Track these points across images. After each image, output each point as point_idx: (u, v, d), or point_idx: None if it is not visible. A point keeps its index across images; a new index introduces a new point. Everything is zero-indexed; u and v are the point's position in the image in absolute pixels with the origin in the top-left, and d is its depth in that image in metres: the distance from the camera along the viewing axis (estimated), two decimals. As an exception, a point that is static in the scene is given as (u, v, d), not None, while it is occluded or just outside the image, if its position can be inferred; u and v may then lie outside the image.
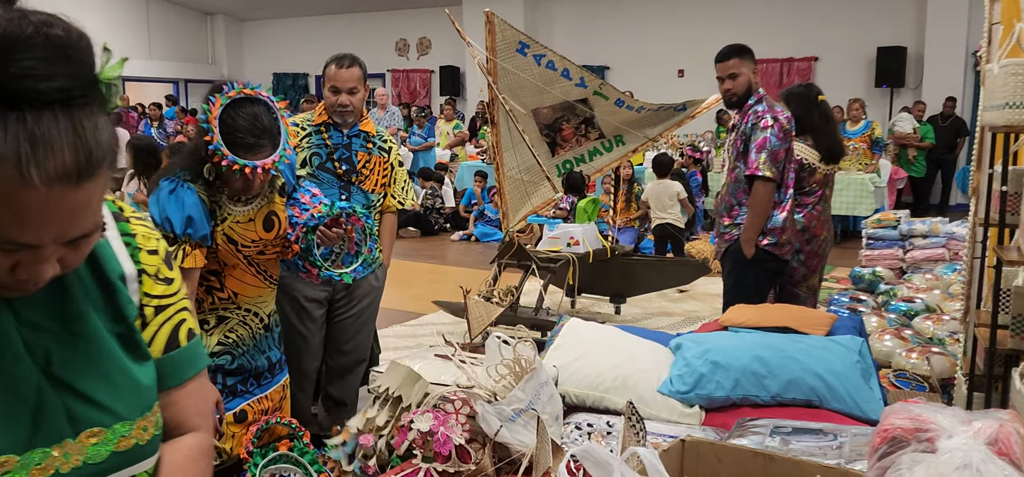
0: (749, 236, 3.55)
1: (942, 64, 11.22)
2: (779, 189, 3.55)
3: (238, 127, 2.20)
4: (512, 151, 5.15)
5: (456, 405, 2.24)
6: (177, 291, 1.12)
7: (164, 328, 1.09)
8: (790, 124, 3.51)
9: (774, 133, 3.46)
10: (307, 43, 16.42)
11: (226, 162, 2.14)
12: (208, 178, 2.27)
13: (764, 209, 3.50)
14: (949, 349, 3.89)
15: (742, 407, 2.48)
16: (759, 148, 3.49)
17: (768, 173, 3.47)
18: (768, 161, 3.47)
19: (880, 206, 8.72)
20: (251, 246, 2.38)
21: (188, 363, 1.12)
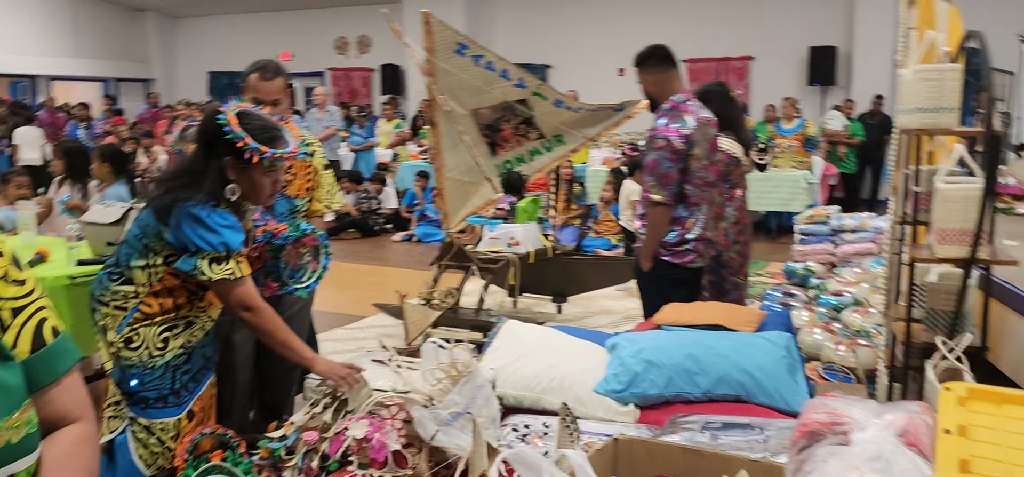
0: (644, 253, 3.58)
1: (871, 63, 11.60)
2: (684, 205, 3.50)
3: (259, 127, 2.30)
4: (452, 152, 5.15)
5: (392, 410, 2.24)
6: (31, 291, 1.14)
7: (26, 328, 1.12)
8: (686, 142, 3.41)
9: (665, 155, 3.41)
10: (244, 41, 16.10)
11: (269, 155, 2.24)
12: (231, 197, 2.30)
13: (657, 230, 3.50)
14: (875, 341, 4.03)
15: (675, 404, 2.55)
16: (649, 170, 3.48)
17: (657, 196, 3.45)
18: (657, 184, 3.44)
19: (813, 202, 8.98)
20: None
21: (59, 359, 1.15)
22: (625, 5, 13.30)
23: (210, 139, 2.29)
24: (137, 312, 2.35)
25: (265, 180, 2.33)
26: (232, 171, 2.28)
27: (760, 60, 12.73)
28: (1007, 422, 1.71)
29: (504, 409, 2.66)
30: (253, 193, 2.35)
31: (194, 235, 2.22)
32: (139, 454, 2.38)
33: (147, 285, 2.34)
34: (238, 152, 2.24)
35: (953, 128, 2.06)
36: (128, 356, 2.35)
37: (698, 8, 12.79)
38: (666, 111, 3.51)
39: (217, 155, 2.27)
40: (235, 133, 2.23)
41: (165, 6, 16.25)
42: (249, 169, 2.27)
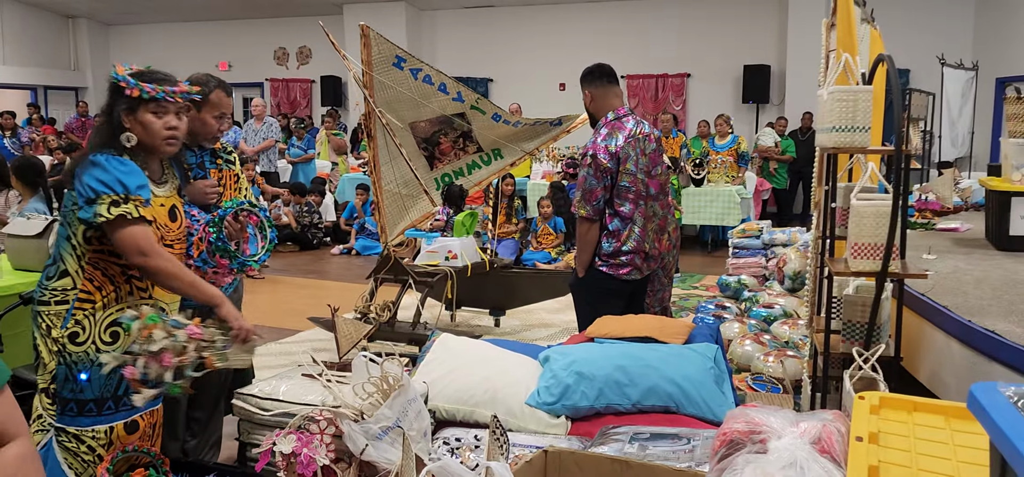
0: (580, 263, 3.69)
1: (802, 82, 11.97)
2: (619, 218, 3.57)
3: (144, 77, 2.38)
4: (390, 165, 5.13)
5: (321, 425, 2.23)
6: None
7: None
8: (613, 160, 3.50)
9: (590, 172, 3.52)
10: (180, 50, 15.76)
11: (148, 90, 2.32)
12: (127, 144, 2.35)
13: (586, 245, 3.61)
14: (802, 353, 4.16)
15: (606, 416, 2.58)
16: (578, 185, 3.60)
17: (582, 211, 3.56)
18: (583, 200, 3.55)
19: (746, 216, 9.21)
20: (163, 229, 2.44)
21: None
22: (566, 21, 13.46)
23: (109, 98, 2.39)
24: (77, 302, 2.33)
25: (156, 121, 2.37)
26: (126, 119, 2.36)
27: (697, 77, 13.02)
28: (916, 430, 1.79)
29: (437, 422, 2.66)
30: (147, 136, 2.38)
31: (92, 180, 2.27)
32: (68, 464, 2.33)
33: (79, 271, 2.34)
34: (127, 98, 2.34)
35: (867, 147, 2.15)
36: (74, 351, 2.31)
37: (638, 26, 13.03)
38: (600, 129, 3.59)
39: (114, 109, 2.36)
40: (119, 76, 2.35)
41: (98, 13, 15.79)
42: (138, 111, 2.35)
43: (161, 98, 2.36)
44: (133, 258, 2.30)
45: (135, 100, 2.34)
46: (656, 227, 3.72)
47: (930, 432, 1.75)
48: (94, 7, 15.30)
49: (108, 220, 2.24)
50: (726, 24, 12.68)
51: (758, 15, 12.52)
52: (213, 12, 15.00)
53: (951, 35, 11.27)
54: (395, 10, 13.48)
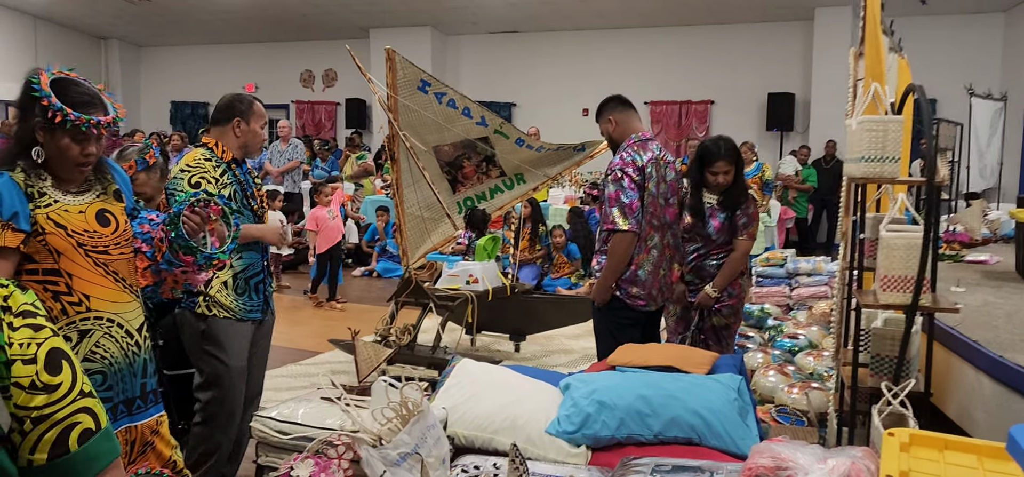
0: (603, 284, 3.58)
1: (826, 110, 11.90)
2: (638, 241, 3.53)
3: (70, 92, 2.21)
4: (413, 188, 5.15)
5: (339, 450, 2.21)
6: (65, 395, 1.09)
7: (46, 437, 1.07)
8: (639, 175, 3.48)
9: (625, 184, 3.48)
10: (208, 72, 16.00)
11: (73, 118, 2.14)
12: (37, 160, 2.20)
13: (619, 259, 3.52)
14: (827, 385, 4.08)
15: (627, 446, 2.54)
16: (611, 201, 3.52)
17: (624, 225, 3.47)
18: (622, 213, 3.48)
19: (770, 245, 9.12)
20: (85, 236, 2.28)
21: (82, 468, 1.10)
22: (590, 47, 13.50)
23: (23, 102, 2.21)
24: None
25: (73, 147, 2.21)
26: (41, 133, 2.20)
27: (721, 104, 12.98)
28: (947, 468, 1.74)
29: (455, 449, 2.63)
30: (58, 157, 2.22)
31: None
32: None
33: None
34: (45, 113, 2.16)
35: (896, 177, 2.12)
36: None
37: (662, 52, 13.04)
38: (625, 147, 3.61)
39: (27, 117, 2.20)
40: (43, 91, 2.16)
41: (130, 35, 16.09)
42: (58, 133, 2.19)
43: (85, 129, 2.20)
44: None
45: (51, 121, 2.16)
46: (669, 257, 3.72)
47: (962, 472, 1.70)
48: (126, 29, 15.58)
49: None
50: (751, 52, 12.65)
51: (783, 43, 12.49)
52: (241, 35, 15.23)
53: (979, 65, 11.16)
54: (420, 35, 13.59)
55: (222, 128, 3.20)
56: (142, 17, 14.35)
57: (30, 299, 1.11)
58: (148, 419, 2.42)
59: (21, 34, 14.86)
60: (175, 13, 13.97)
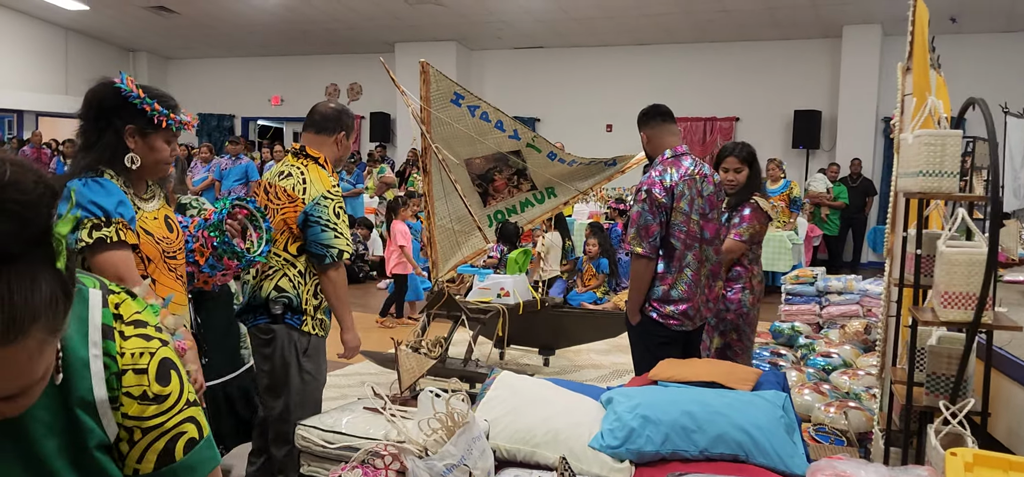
0: (630, 307, 3.58)
1: (854, 128, 11.82)
2: (668, 260, 3.49)
3: (160, 95, 2.31)
4: (444, 200, 5.15)
5: (386, 461, 2.20)
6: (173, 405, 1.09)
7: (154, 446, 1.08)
8: (668, 195, 3.43)
9: (646, 207, 3.43)
10: (234, 85, 16.17)
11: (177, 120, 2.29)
12: (131, 165, 2.27)
13: (640, 283, 3.50)
14: (865, 404, 4.02)
15: (672, 462, 2.51)
16: (632, 222, 3.49)
17: (639, 248, 3.45)
18: (638, 236, 3.45)
19: (797, 263, 9.04)
20: (164, 242, 2.38)
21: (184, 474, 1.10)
22: (614, 63, 13.50)
23: (104, 110, 2.26)
24: None
25: (165, 148, 2.32)
26: (132, 138, 2.26)
27: (745, 122, 12.93)
28: (1013, 489, 1.70)
29: (497, 462, 2.61)
30: (151, 160, 2.31)
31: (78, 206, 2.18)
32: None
33: None
34: (142, 117, 2.24)
35: (954, 192, 2.08)
36: None
37: (686, 69, 13.02)
38: (656, 165, 3.55)
39: (112, 125, 2.25)
40: (142, 98, 2.25)
41: (158, 47, 16.29)
42: (152, 135, 2.28)
43: (177, 129, 2.33)
44: None
45: (149, 122, 2.26)
46: (708, 272, 3.63)
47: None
48: (155, 42, 15.79)
49: (87, 244, 2.15)
50: (776, 69, 12.60)
51: (810, 61, 12.43)
52: (267, 48, 15.38)
53: (1013, 84, 11.04)
54: (446, 50, 13.66)
55: (323, 138, 3.08)
56: (170, 30, 14.53)
57: (140, 307, 1.11)
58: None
59: (52, 46, 15.10)
60: (202, 26, 14.13)
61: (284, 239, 2.94)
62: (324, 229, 2.89)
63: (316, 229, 2.89)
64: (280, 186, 2.95)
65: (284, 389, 3.04)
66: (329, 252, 2.91)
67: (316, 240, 2.90)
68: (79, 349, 1.02)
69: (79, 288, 1.04)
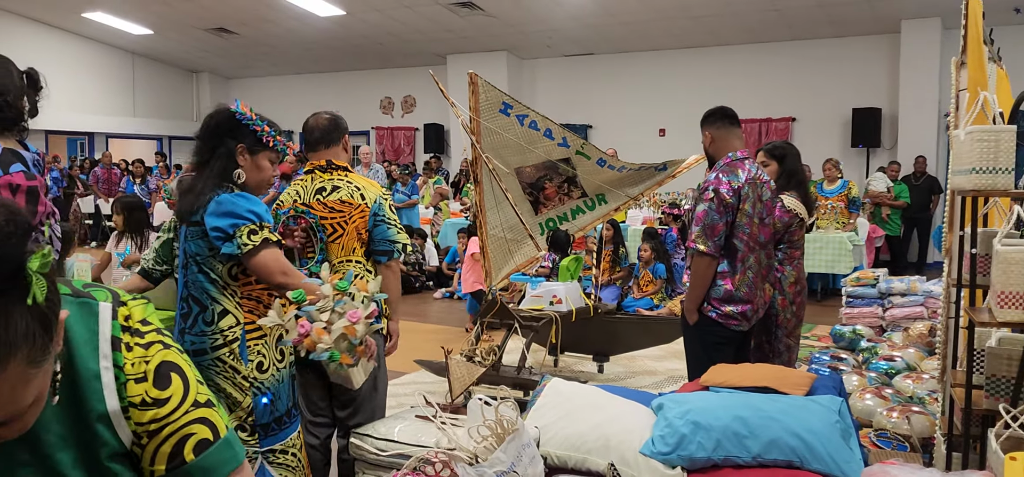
0: (689, 305, 3.58)
1: (915, 125, 11.49)
2: (731, 259, 3.49)
3: (269, 120, 2.54)
4: (495, 210, 5.19)
5: (437, 467, 2.24)
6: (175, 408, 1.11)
7: (161, 450, 1.10)
8: (735, 196, 3.44)
9: (713, 206, 3.43)
10: (292, 101, 16.54)
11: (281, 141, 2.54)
12: (238, 181, 2.49)
13: (700, 281, 3.50)
14: (929, 408, 3.91)
15: (724, 468, 2.48)
16: (697, 220, 3.49)
17: (702, 247, 3.45)
18: (703, 234, 3.45)
19: (858, 264, 8.82)
20: None
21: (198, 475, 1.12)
22: (666, 66, 13.40)
23: (218, 131, 2.48)
24: (247, 335, 2.47)
25: (269, 167, 2.53)
26: (242, 157, 2.47)
27: (802, 121, 12.69)
28: (1077, 494, 1.65)
29: (548, 469, 2.62)
30: (257, 178, 2.51)
31: (230, 219, 2.38)
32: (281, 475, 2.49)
33: (238, 306, 2.48)
34: (253, 137, 2.47)
35: (1010, 190, 2.03)
36: (263, 379, 2.48)
37: (740, 70, 12.84)
38: (720, 166, 3.56)
39: (225, 144, 2.46)
40: (253, 120, 2.48)
41: (219, 68, 16.81)
42: (260, 153, 2.49)
43: (283, 151, 2.54)
44: (275, 279, 2.41)
45: (258, 142, 2.48)
46: (761, 275, 3.65)
47: (1095, 498, 1.61)
48: (216, 63, 16.29)
49: (252, 246, 2.36)
50: (833, 67, 12.34)
51: (868, 58, 12.13)
52: (323, 64, 15.72)
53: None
54: (496, 59, 13.76)
55: (335, 149, 3.20)
56: (229, 50, 14.98)
57: (142, 315, 1.13)
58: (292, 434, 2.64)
59: (120, 70, 15.72)
60: (261, 46, 14.53)
61: (354, 246, 3.04)
62: (389, 226, 3.05)
63: (383, 228, 3.04)
64: (334, 200, 3.02)
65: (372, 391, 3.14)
66: (395, 247, 3.07)
67: (384, 238, 3.05)
68: (90, 362, 1.05)
69: (88, 302, 1.07)
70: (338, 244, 3.01)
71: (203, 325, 2.45)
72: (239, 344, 2.44)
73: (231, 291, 2.46)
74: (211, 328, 2.44)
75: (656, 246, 8.37)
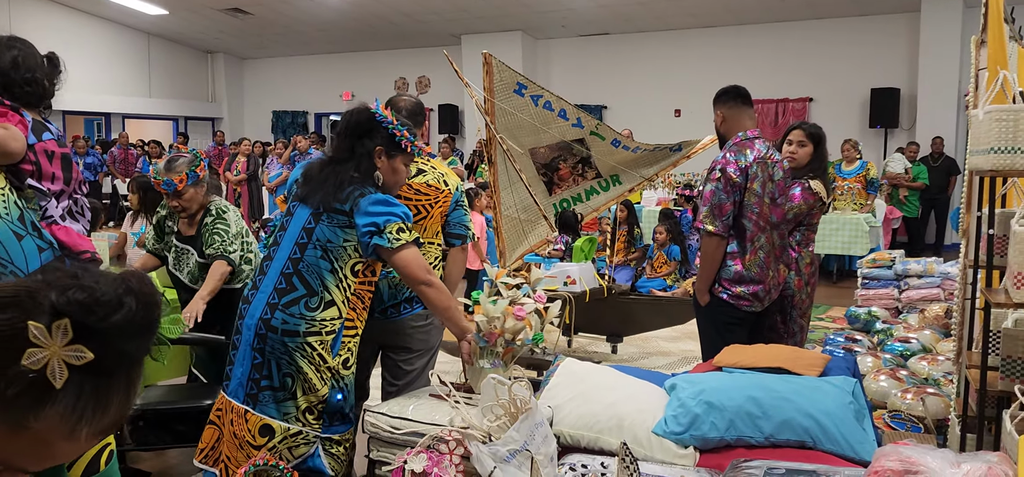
0: (700, 286, 3.59)
1: (935, 105, 11.36)
2: (741, 239, 3.48)
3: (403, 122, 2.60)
4: (509, 190, 5.19)
5: (450, 445, 2.25)
6: None
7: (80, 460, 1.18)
8: (743, 175, 3.43)
9: (720, 186, 3.42)
10: (306, 81, 16.58)
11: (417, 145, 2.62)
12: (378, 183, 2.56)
13: (710, 262, 3.50)
14: (944, 390, 3.90)
15: (736, 448, 2.49)
16: (705, 200, 3.49)
17: (711, 227, 3.45)
18: (710, 214, 3.45)
19: (875, 246, 8.76)
20: None
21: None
22: (681, 47, 13.30)
23: (358, 131, 2.54)
24: (344, 330, 2.52)
25: (404, 170, 2.62)
26: (380, 159, 2.54)
27: (819, 102, 12.57)
28: (1092, 476, 1.64)
29: (561, 448, 2.64)
30: (392, 179, 2.60)
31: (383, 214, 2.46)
32: (330, 465, 2.55)
33: (346, 301, 2.52)
34: (390, 141, 2.54)
35: (1030, 169, 2.00)
36: (346, 375, 2.54)
37: (756, 50, 12.72)
38: (729, 146, 3.54)
39: (364, 144, 2.52)
40: (392, 123, 2.54)
41: (234, 48, 16.84)
42: (396, 157, 2.57)
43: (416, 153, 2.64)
44: (419, 276, 2.49)
45: (395, 145, 2.55)
46: (776, 257, 3.63)
47: (1110, 480, 1.60)
48: (230, 43, 16.32)
49: (402, 243, 2.44)
50: (851, 47, 12.19)
51: (887, 37, 11.98)
52: (337, 45, 15.71)
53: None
54: (511, 40, 13.70)
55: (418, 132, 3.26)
56: (245, 31, 15.00)
57: None
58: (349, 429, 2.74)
59: (135, 51, 15.78)
60: (276, 26, 14.53)
61: (436, 229, 3.17)
62: (465, 212, 3.20)
63: (459, 212, 3.17)
64: (421, 183, 3.09)
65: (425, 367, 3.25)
66: (469, 231, 3.22)
67: (460, 222, 3.18)
68: None
69: None
70: (421, 226, 3.07)
71: (305, 309, 2.47)
72: (335, 337, 2.49)
73: (346, 285, 2.51)
74: (313, 314, 2.47)
75: (672, 227, 8.34)
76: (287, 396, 2.47)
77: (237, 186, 12.06)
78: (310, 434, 2.51)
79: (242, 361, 2.53)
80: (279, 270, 2.54)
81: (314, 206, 2.52)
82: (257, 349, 2.48)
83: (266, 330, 2.47)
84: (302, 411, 2.48)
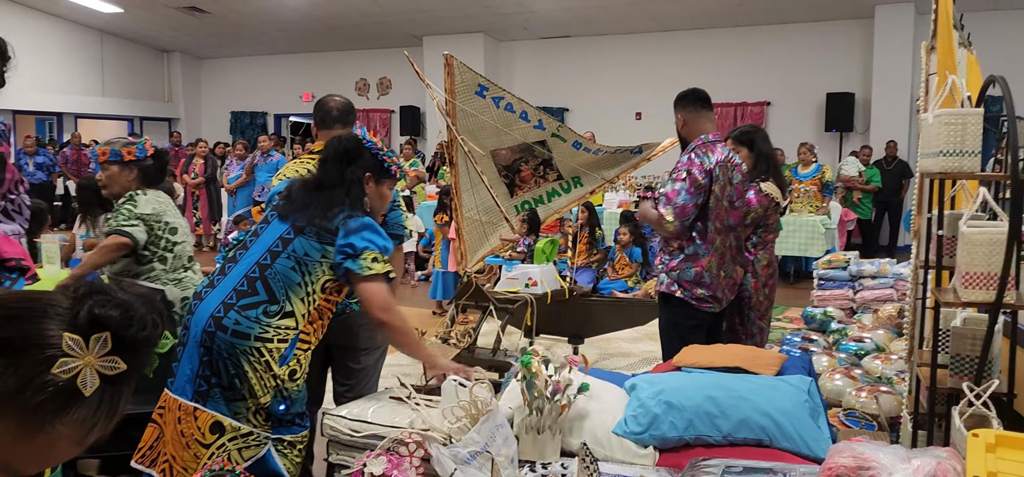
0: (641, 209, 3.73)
1: (888, 109, 11.62)
2: (702, 241, 3.53)
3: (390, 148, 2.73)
4: (471, 192, 5.18)
5: (411, 448, 2.24)
6: None
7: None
8: (707, 178, 3.48)
9: (685, 186, 3.47)
10: (265, 82, 16.37)
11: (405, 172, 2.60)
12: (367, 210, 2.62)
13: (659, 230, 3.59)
14: (897, 388, 3.99)
15: (695, 447, 2.52)
16: (668, 200, 3.51)
17: (671, 226, 3.49)
18: (675, 215, 3.48)
19: (831, 247, 8.94)
20: None
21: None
22: (643, 50, 13.42)
23: (347, 158, 2.58)
24: (297, 342, 2.49)
25: (389, 194, 2.69)
26: (368, 185, 2.60)
27: (777, 106, 12.78)
28: (1036, 470, 1.69)
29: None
30: (379, 205, 2.67)
31: (364, 241, 2.48)
32: (284, 466, 2.53)
33: (305, 314, 2.50)
34: (379, 166, 2.61)
35: (976, 172, 2.06)
36: (290, 387, 2.49)
37: (716, 53, 12.89)
38: (692, 148, 3.58)
39: (354, 173, 2.56)
40: (380, 150, 2.62)
41: (190, 47, 16.56)
42: (384, 182, 2.65)
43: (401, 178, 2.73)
44: (375, 312, 2.49)
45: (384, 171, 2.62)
46: (731, 258, 3.69)
47: (1054, 474, 1.65)
48: (187, 42, 16.04)
49: (373, 274, 2.46)
50: (808, 52, 12.43)
51: (842, 42, 12.24)
52: (297, 45, 15.54)
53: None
54: (473, 41, 13.69)
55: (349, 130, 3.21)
56: (202, 29, 14.76)
57: None
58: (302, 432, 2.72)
59: (88, 49, 15.41)
60: (234, 25, 14.32)
61: None
62: (401, 211, 3.23)
63: (397, 212, 3.19)
64: None
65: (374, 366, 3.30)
66: (405, 231, 3.26)
67: (397, 222, 3.20)
68: None
69: None
70: None
71: (263, 314, 2.45)
72: (288, 346, 2.46)
73: (311, 299, 2.50)
74: (269, 321, 2.44)
75: (634, 229, 8.41)
76: (237, 396, 2.44)
77: (195, 189, 11.84)
78: (261, 435, 2.48)
79: (189, 358, 2.48)
80: (243, 273, 2.51)
81: (298, 224, 2.52)
82: (204, 347, 2.45)
83: (215, 328, 2.43)
84: (252, 412, 2.45)
